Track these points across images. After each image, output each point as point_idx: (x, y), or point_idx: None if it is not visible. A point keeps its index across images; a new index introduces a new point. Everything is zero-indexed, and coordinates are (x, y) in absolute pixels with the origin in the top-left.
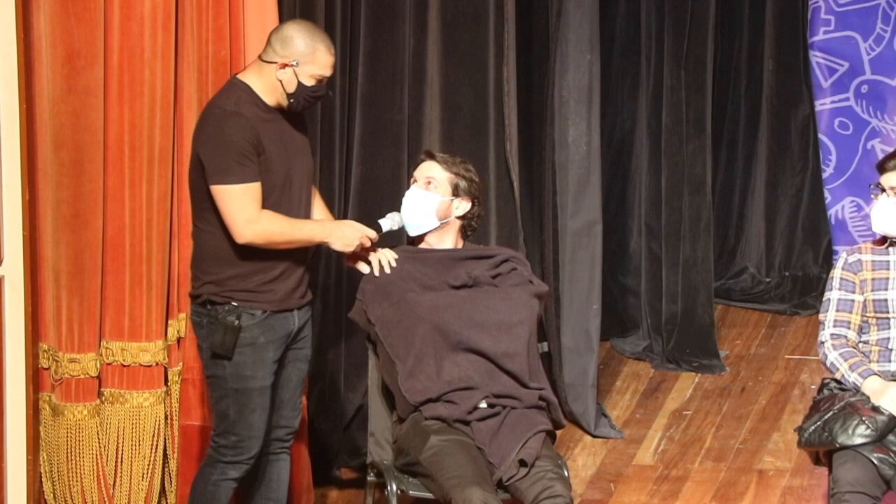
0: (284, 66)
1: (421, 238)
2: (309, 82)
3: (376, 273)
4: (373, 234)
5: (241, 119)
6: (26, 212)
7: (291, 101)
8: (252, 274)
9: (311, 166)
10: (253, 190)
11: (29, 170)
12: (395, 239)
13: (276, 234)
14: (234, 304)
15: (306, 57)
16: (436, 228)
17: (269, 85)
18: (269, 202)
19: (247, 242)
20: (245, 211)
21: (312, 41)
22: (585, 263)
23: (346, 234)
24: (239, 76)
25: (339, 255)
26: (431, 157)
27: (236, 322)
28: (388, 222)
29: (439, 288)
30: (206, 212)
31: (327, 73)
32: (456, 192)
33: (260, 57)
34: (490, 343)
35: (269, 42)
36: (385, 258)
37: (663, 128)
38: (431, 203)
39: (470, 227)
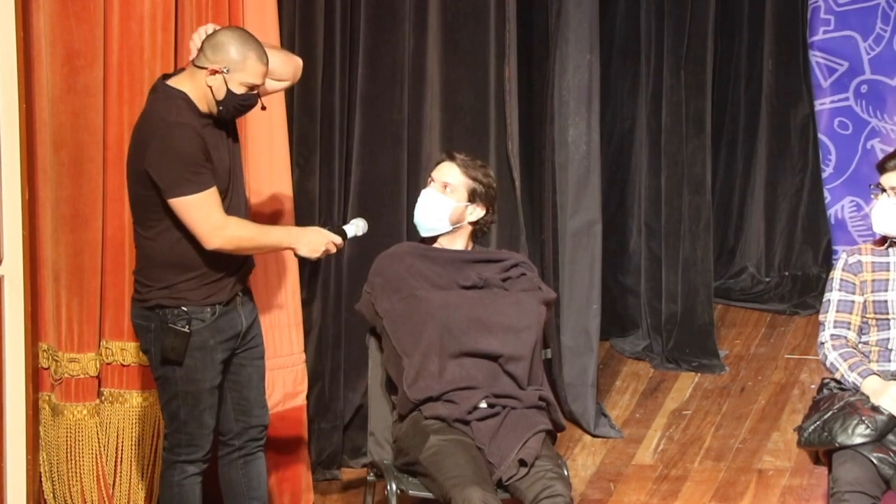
0: (214, 72)
1: (432, 238)
2: (238, 90)
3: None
4: (338, 240)
5: (187, 128)
6: (26, 211)
7: (220, 108)
8: (203, 276)
9: (242, 171)
10: (212, 196)
11: (28, 169)
12: (402, 237)
13: (245, 240)
14: (185, 308)
15: (237, 64)
16: (448, 232)
17: (200, 91)
18: None
19: (216, 249)
20: (211, 218)
21: (244, 48)
22: (585, 263)
23: (312, 240)
24: (170, 82)
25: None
26: (452, 158)
27: (186, 328)
28: (353, 228)
29: (449, 287)
30: (154, 221)
31: (258, 81)
32: (472, 197)
33: (192, 62)
34: (497, 346)
35: (201, 49)
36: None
37: (663, 127)
38: (446, 208)
39: (481, 232)
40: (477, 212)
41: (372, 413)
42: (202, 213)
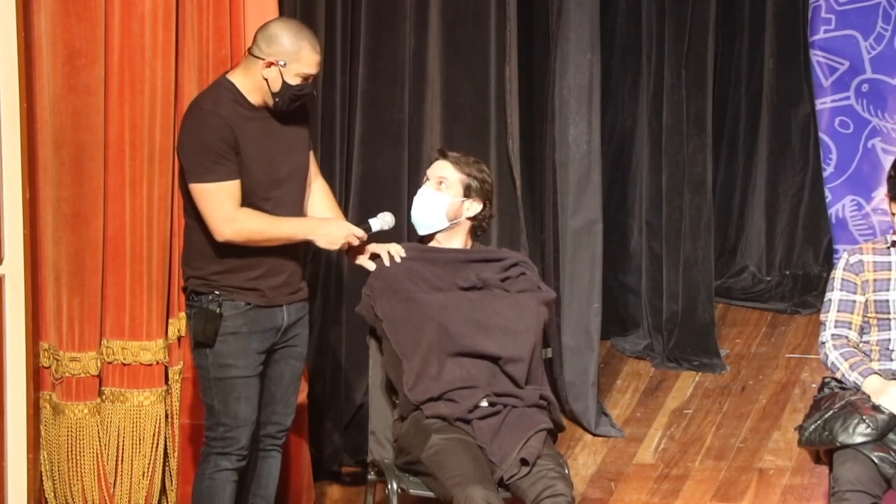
0: (270, 64)
1: (430, 236)
2: (294, 81)
3: (387, 264)
4: (361, 233)
5: (217, 118)
6: (27, 211)
7: (276, 100)
8: (236, 270)
9: (304, 165)
10: (230, 188)
11: (29, 168)
12: (402, 236)
13: (255, 232)
14: (217, 293)
15: (291, 56)
16: (445, 228)
17: (254, 83)
18: (249, 201)
19: (226, 241)
20: (222, 209)
21: (298, 40)
22: (586, 262)
23: (330, 232)
24: (227, 75)
25: (346, 252)
26: (444, 156)
27: (218, 310)
28: (379, 222)
29: (448, 289)
30: (192, 208)
31: (313, 71)
32: (468, 193)
33: (249, 51)
34: (495, 348)
35: (255, 40)
36: (394, 250)
37: (664, 127)
38: (442, 204)
39: (480, 228)
40: (474, 207)
41: (373, 412)
42: (215, 202)
